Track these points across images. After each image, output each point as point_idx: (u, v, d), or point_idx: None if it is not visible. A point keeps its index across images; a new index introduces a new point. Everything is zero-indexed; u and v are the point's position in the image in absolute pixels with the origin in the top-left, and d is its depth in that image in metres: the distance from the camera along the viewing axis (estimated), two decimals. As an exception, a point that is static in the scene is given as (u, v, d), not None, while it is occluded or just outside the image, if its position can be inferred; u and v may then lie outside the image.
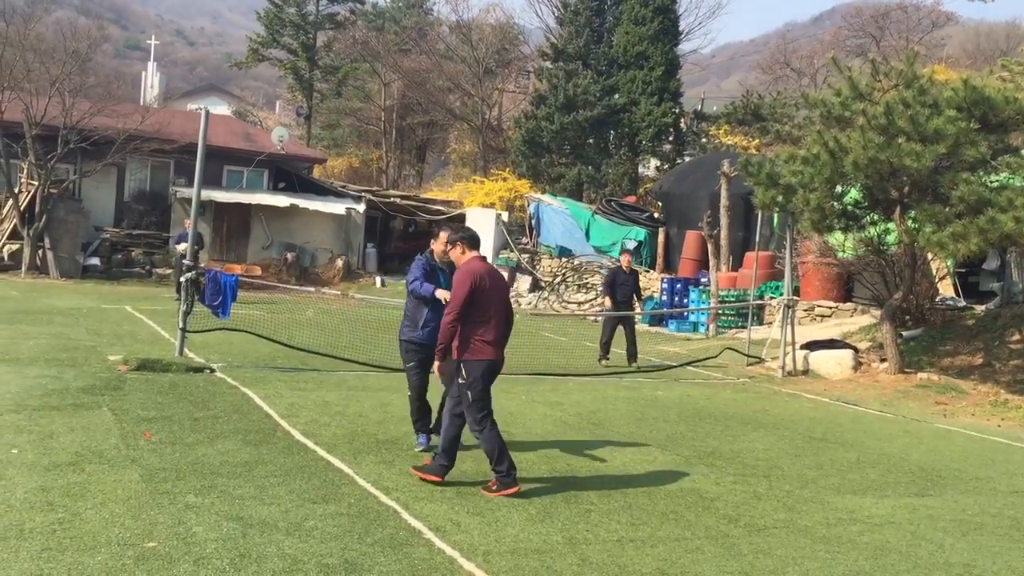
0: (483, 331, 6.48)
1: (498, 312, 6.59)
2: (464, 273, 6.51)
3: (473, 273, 6.47)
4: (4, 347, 11.17)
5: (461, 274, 6.56)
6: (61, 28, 26.28)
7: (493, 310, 6.53)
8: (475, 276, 6.44)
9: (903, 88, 12.33)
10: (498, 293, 6.63)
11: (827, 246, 17.41)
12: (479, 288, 6.42)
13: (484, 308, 6.46)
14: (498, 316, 6.58)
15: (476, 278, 6.43)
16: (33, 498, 5.46)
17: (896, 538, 6.09)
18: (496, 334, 6.55)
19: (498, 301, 6.60)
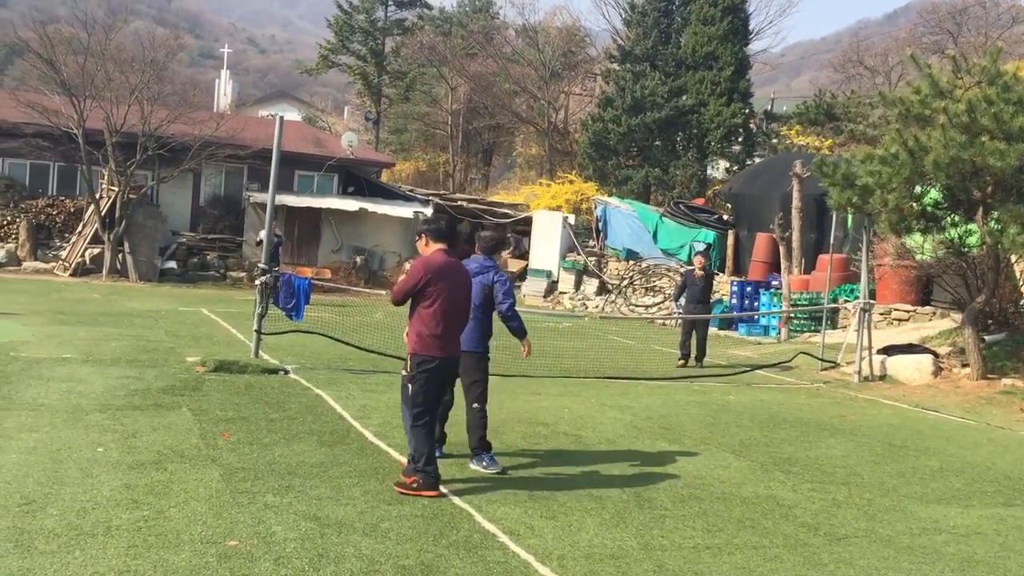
0: (434, 326, 6.31)
1: (454, 309, 6.42)
2: (419, 263, 6.42)
3: (428, 265, 6.34)
4: (88, 348, 11.51)
5: (416, 264, 6.48)
6: (140, 38, 27.07)
7: (449, 306, 6.35)
8: (430, 269, 6.31)
9: (986, 85, 11.94)
10: (458, 291, 6.46)
11: (904, 248, 16.95)
12: (431, 281, 6.29)
13: (438, 302, 6.29)
14: (454, 313, 6.42)
15: (431, 271, 6.30)
16: (119, 496, 5.60)
17: (983, 549, 5.89)
18: (445, 330, 6.35)
19: (456, 298, 6.43)
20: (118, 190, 23.46)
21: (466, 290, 6.56)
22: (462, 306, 6.48)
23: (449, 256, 6.43)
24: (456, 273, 6.45)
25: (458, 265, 6.56)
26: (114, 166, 23.40)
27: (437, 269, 6.30)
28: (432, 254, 6.44)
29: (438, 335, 6.28)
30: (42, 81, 23.28)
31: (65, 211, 25.27)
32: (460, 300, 6.44)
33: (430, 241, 6.47)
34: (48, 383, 9.02)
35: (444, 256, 6.41)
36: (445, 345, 6.34)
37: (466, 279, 6.60)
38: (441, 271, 6.30)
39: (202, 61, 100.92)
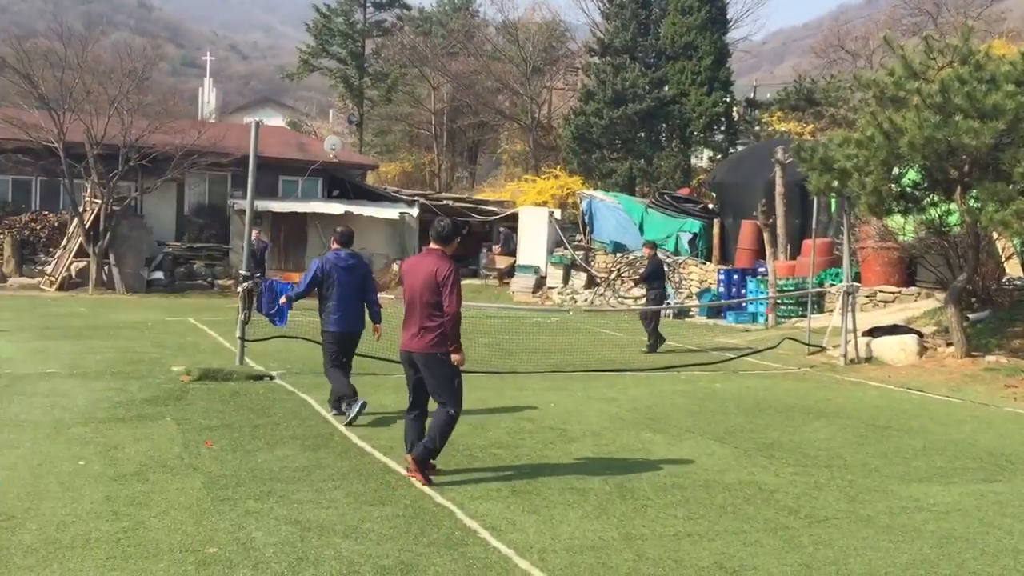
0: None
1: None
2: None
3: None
4: (73, 362, 11.50)
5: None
6: (118, 49, 26.96)
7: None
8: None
9: (958, 64, 12.00)
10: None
11: (887, 230, 17.01)
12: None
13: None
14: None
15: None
16: (99, 508, 5.61)
17: (963, 526, 5.94)
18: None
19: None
20: (101, 202, 23.40)
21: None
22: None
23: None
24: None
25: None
26: (96, 178, 23.34)
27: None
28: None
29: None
30: (20, 96, 23.19)
31: (49, 226, 25.19)
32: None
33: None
34: (31, 398, 9.01)
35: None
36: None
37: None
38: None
39: (184, 70, 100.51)
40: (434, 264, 6.43)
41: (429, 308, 6.39)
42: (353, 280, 8.73)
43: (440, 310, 6.36)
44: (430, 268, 6.42)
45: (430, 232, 6.74)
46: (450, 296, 6.32)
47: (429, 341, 6.41)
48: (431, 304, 6.38)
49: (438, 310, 6.37)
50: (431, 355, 6.42)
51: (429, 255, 6.59)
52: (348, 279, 8.68)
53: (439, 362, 6.42)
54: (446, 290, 6.32)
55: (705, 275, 23.22)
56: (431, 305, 6.38)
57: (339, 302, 8.68)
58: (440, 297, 6.34)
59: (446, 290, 6.32)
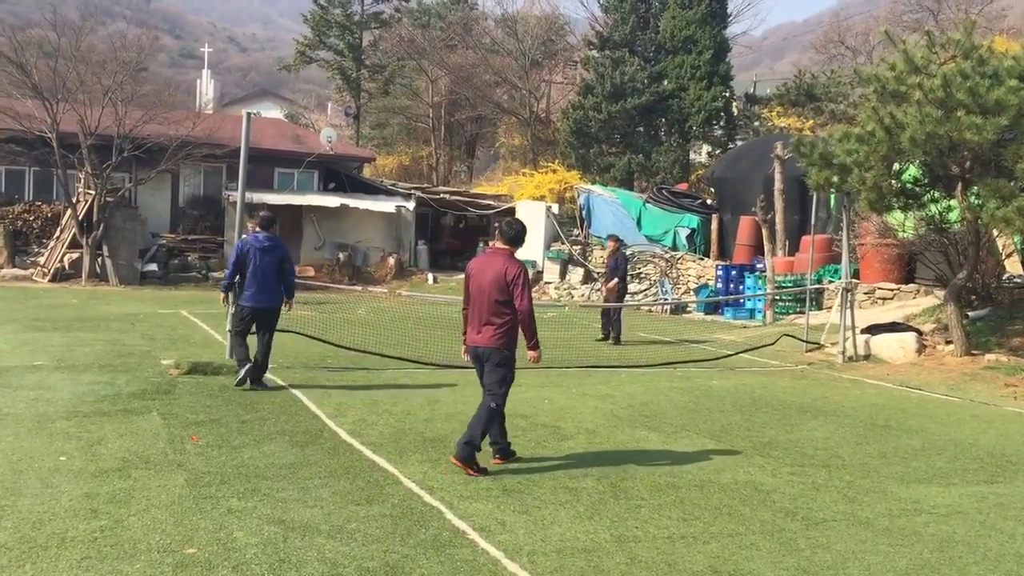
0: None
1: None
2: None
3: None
4: (60, 354, 11.33)
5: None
6: (112, 40, 26.73)
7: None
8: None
9: (961, 59, 11.85)
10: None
11: (886, 226, 16.88)
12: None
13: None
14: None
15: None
16: (78, 505, 5.45)
17: (963, 529, 5.80)
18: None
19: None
20: (95, 193, 23.20)
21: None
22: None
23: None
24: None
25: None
26: (90, 169, 23.12)
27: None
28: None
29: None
30: (14, 85, 22.95)
31: (42, 216, 25.01)
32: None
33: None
34: (16, 391, 8.85)
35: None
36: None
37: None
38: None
39: (183, 62, 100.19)
40: (503, 264, 6.69)
41: (497, 306, 6.64)
42: (268, 260, 9.48)
43: (507, 307, 6.64)
44: (499, 268, 6.67)
45: (498, 233, 7.03)
46: (521, 294, 6.61)
47: (493, 335, 6.67)
48: (499, 302, 6.64)
49: (505, 308, 6.64)
50: (494, 349, 6.68)
51: (497, 255, 6.83)
52: (263, 259, 9.46)
53: (500, 356, 6.69)
54: (517, 289, 6.60)
55: (703, 271, 23.07)
56: (499, 303, 6.64)
57: (253, 279, 9.47)
58: (508, 296, 6.62)
59: (517, 289, 6.60)
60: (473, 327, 6.81)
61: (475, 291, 6.78)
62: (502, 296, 6.62)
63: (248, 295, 9.52)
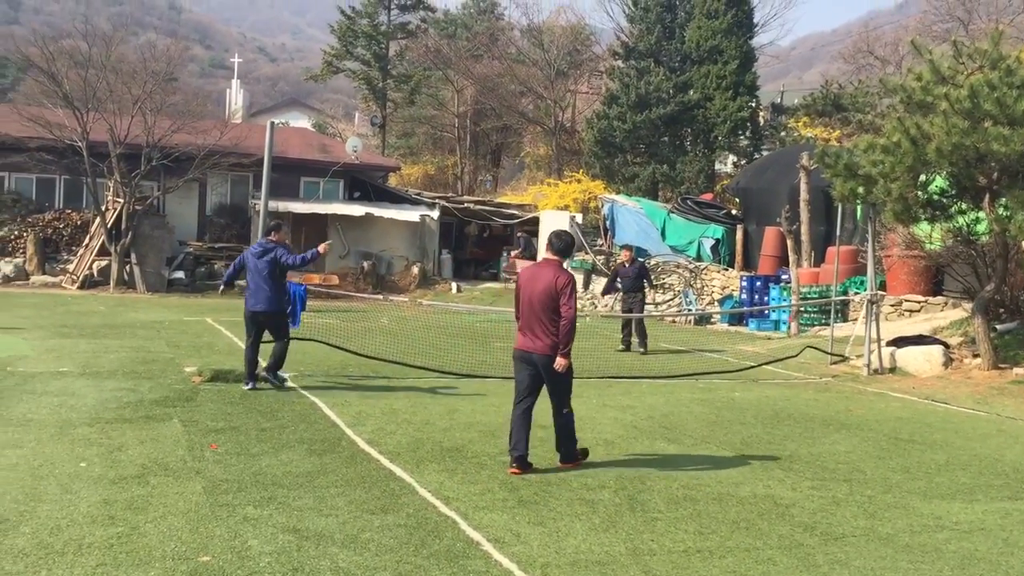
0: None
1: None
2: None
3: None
4: (86, 361, 11.46)
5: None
6: (142, 50, 27.07)
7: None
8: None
9: (988, 70, 11.71)
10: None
11: (913, 238, 16.69)
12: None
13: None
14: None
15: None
16: (95, 512, 5.50)
17: (986, 546, 5.70)
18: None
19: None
20: (124, 201, 23.48)
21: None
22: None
23: (543, 263, 7.34)
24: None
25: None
26: (119, 177, 23.42)
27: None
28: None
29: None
30: (45, 95, 23.31)
31: (72, 224, 25.34)
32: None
33: (547, 249, 7.44)
34: (40, 397, 8.96)
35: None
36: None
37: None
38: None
39: (213, 72, 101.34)
40: (554, 274, 7.01)
41: (549, 314, 6.96)
42: (260, 264, 9.86)
43: (559, 316, 6.94)
44: (550, 278, 6.99)
45: (548, 244, 7.33)
46: (568, 302, 6.93)
47: (550, 344, 6.96)
48: (551, 310, 6.95)
49: (557, 315, 6.94)
50: (551, 357, 6.96)
51: (548, 266, 7.16)
52: (255, 263, 9.89)
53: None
54: (565, 297, 6.92)
55: (727, 281, 22.94)
56: (551, 311, 6.95)
57: (249, 283, 9.97)
58: (559, 303, 6.92)
59: (565, 297, 6.92)
60: (525, 334, 7.10)
61: (526, 301, 7.09)
62: (553, 305, 6.93)
63: (246, 299, 10.09)
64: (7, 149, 22.67)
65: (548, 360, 6.96)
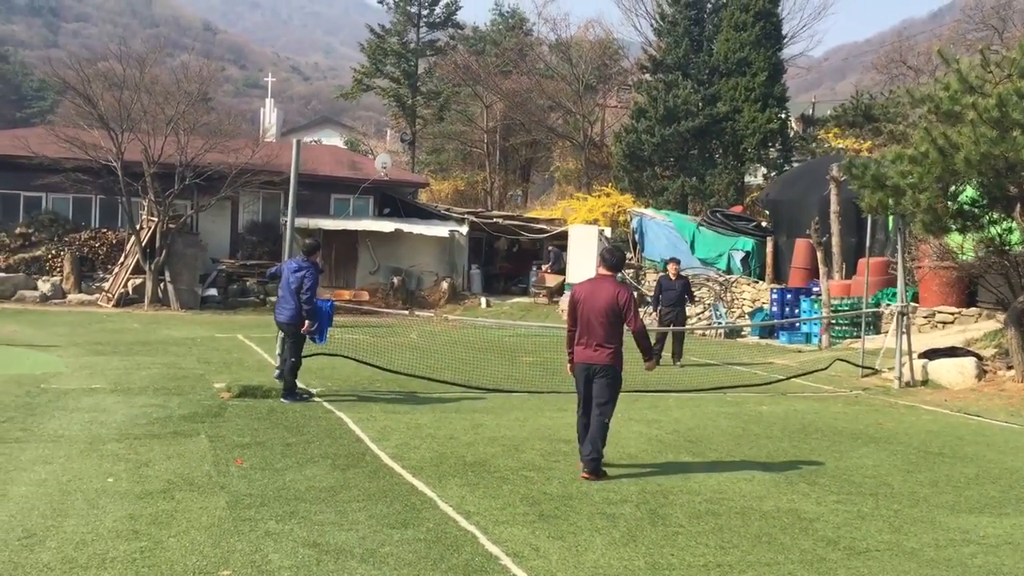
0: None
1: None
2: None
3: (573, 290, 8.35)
4: (118, 378, 11.63)
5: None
6: (175, 71, 27.54)
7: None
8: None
9: (1017, 78, 11.58)
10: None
11: (945, 249, 16.50)
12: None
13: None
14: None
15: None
16: (120, 526, 5.58)
17: (1012, 560, 5.61)
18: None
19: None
20: (158, 220, 23.86)
21: (600, 305, 7.48)
22: (595, 318, 7.47)
23: (600, 279, 7.64)
24: (593, 293, 7.55)
25: (598, 285, 7.64)
26: (153, 197, 23.81)
27: (577, 288, 7.81)
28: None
29: (579, 341, 7.59)
30: (81, 116, 23.77)
31: (107, 243, 25.77)
32: (595, 312, 7.48)
33: (599, 265, 7.78)
34: (72, 414, 9.11)
35: (588, 281, 7.81)
36: (581, 350, 7.56)
37: (603, 297, 7.53)
38: (580, 290, 7.69)
39: (247, 91, 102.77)
40: (614, 290, 7.45)
41: (611, 328, 7.37)
42: (293, 280, 10.39)
43: (618, 329, 7.40)
44: (610, 293, 7.41)
45: (601, 260, 7.76)
46: (634, 318, 7.39)
47: (608, 355, 7.39)
48: (612, 324, 7.37)
49: (617, 329, 7.40)
50: (609, 366, 7.41)
51: (604, 281, 7.57)
52: (288, 277, 10.48)
53: (613, 373, 7.45)
54: (629, 313, 7.37)
55: (758, 294, 22.79)
56: (612, 325, 7.37)
57: (279, 294, 10.69)
58: (619, 319, 7.36)
59: (629, 313, 7.37)
60: (584, 346, 7.48)
61: (586, 315, 7.45)
62: (615, 319, 7.35)
63: (276, 308, 10.82)
64: (44, 170, 23.14)
65: (606, 369, 7.38)
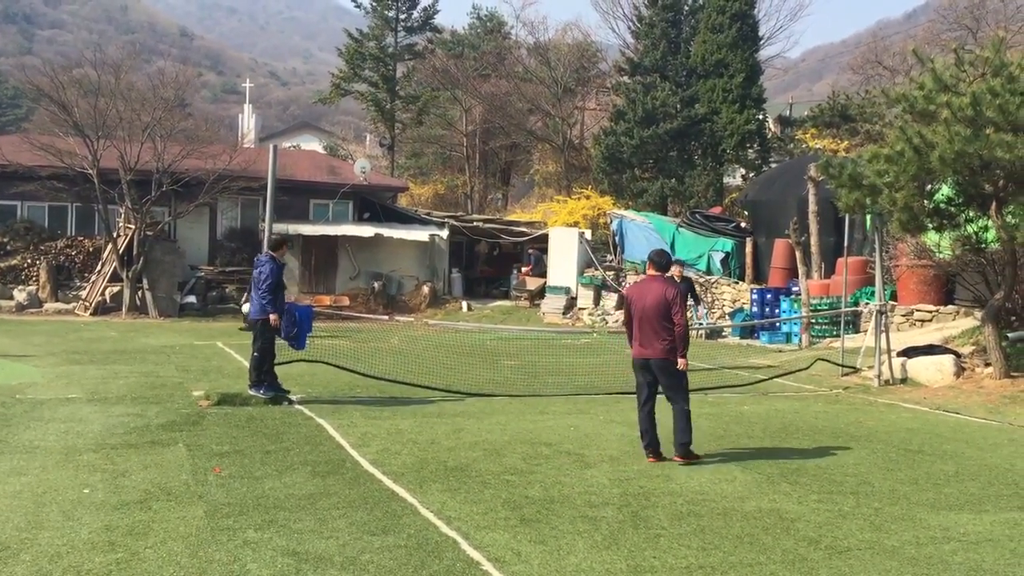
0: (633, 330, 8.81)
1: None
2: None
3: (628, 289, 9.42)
4: (95, 387, 11.51)
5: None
6: (151, 77, 27.34)
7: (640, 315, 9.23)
8: (628, 291, 9.25)
9: (990, 77, 11.68)
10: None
11: (922, 247, 16.61)
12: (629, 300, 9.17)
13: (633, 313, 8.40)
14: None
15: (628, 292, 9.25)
16: (96, 538, 5.51)
17: (992, 557, 5.63)
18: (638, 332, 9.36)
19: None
20: (135, 227, 23.66)
21: (651, 302, 7.99)
22: (647, 315, 8.00)
23: (649, 279, 8.25)
24: (643, 292, 8.12)
25: (647, 284, 8.20)
26: (130, 204, 23.61)
27: (629, 289, 8.46)
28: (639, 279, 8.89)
29: (635, 337, 8.16)
30: (56, 123, 23.55)
31: (84, 251, 25.53)
32: (647, 310, 7.99)
33: (649, 266, 8.33)
34: (48, 424, 9.00)
35: (639, 282, 8.48)
36: (638, 347, 8.12)
37: (653, 295, 8.04)
38: (633, 291, 8.30)
39: (225, 97, 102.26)
40: (663, 287, 8.02)
41: (663, 322, 7.91)
42: (255, 275, 10.72)
43: (671, 323, 7.89)
44: (660, 290, 7.98)
45: (651, 262, 8.31)
46: (680, 313, 7.90)
47: (664, 348, 7.93)
48: (664, 318, 7.90)
49: (669, 323, 7.90)
50: (667, 360, 7.95)
51: (655, 281, 8.14)
52: (253, 273, 10.83)
53: (674, 366, 7.94)
54: (676, 308, 7.89)
55: (738, 294, 22.87)
56: (664, 319, 7.90)
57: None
58: (669, 312, 7.87)
59: (676, 308, 7.89)
60: (641, 342, 8.05)
61: (639, 313, 8.03)
62: (666, 313, 7.88)
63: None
64: (19, 178, 22.91)
65: (664, 363, 7.94)
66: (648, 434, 8.15)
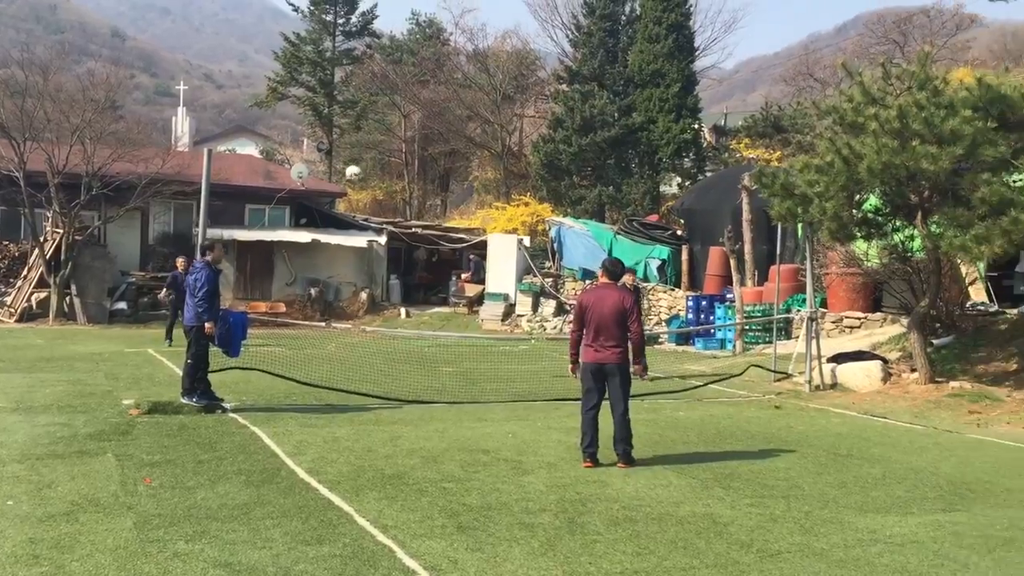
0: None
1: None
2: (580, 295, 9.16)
3: (582, 295, 9.15)
4: (20, 396, 11.17)
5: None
6: (81, 78, 26.69)
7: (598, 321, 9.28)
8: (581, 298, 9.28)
9: (916, 90, 12.04)
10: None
11: (851, 256, 17.03)
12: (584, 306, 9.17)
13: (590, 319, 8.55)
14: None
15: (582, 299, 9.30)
16: (20, 551, 5.35)
17: (917, 559, 5.80)
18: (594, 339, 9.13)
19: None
20: (63, 232, 23.05)
21: (608, 309, 8.14)
22: (604, 322, 8.14)
23: (603, 286, 8.43)
24: (600, 299, 8.26)
25: (603, 292, 8.35)
26: (58, 208, 23.00)
27: (584, 296, 8.56)
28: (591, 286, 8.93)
29: (589, 343, 8.26)
30: (-21, 125, 22.84)
31: (9, 256, 24.81)
32: (604, 317, 8.14)
33: (602, 274, 8.52)
34: (-31, 435, 8.71)
35: (594, 288, 8.67)
36: (593, 352, 8.23)
37: (610, 302, 8.19)
38: (588, 297, 8.41)
39: (158, 99, 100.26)
40: (620, 295, 8.26)
41: (618, 329, 8.12)
42: (190, 282, 10.65)
43: (625, 329, 8.12)
44: (618, 298, 8.20)
45: (604, 270, 8.54)
46: (636, 320, 8.18)
47: (618, 354, 8.14)
48: (619, 325, 8.10)
49: (624, 329, 8.12)
50: (621, 366, 8.17)
51: (610, 288, 8.33)
52: (187, 282, 10.76)
53: (625, 371, 8.23)
54: (633, 316, 8.15)
55: (674, 301, 23.16)
56: (619, 326, 8.10)
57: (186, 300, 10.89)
58: (625, 319, 8.09)
59: (633, 316, 8.15)
60: (594, 348, 8.19)
61: (595, 319, 8.16)
62: (621, 320, 8.08)
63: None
64: (-60, 181, 22.18)
65: (618, 368, 8.13)
66: (589, 437, 8.27)
